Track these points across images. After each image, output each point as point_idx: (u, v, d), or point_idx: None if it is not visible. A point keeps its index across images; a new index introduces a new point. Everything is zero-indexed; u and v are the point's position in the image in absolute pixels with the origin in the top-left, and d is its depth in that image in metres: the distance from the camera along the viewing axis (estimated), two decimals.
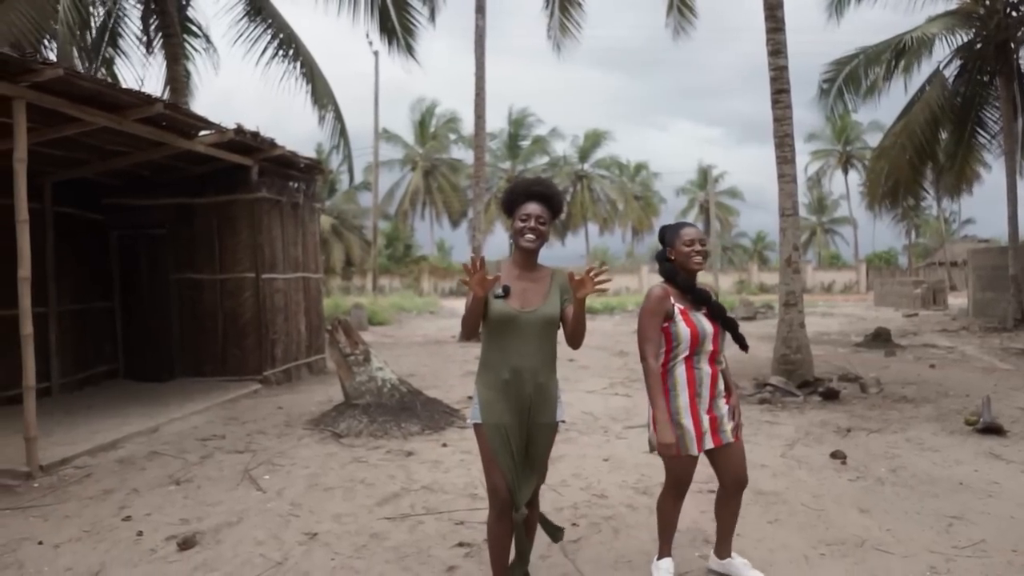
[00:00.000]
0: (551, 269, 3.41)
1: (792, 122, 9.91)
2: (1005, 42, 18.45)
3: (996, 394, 8.83)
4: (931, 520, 4.60)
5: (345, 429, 7.18)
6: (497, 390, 3.20)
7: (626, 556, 4.08)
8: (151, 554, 4.23)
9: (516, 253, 3.33)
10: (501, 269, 3.30)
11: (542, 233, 3.26)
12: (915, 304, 28.77)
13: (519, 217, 3.25)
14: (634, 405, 8.59)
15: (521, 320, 3.18)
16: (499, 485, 3.17)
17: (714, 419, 3.45)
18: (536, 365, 3.22)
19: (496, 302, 3.18)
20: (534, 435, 3.24)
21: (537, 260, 3.37)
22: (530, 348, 3.21)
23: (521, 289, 3.24)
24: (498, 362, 3.22)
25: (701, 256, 3.45)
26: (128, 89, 6.96)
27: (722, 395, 3.50)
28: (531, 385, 3.19)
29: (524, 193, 3.28)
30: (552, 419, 3.30)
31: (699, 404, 3.40)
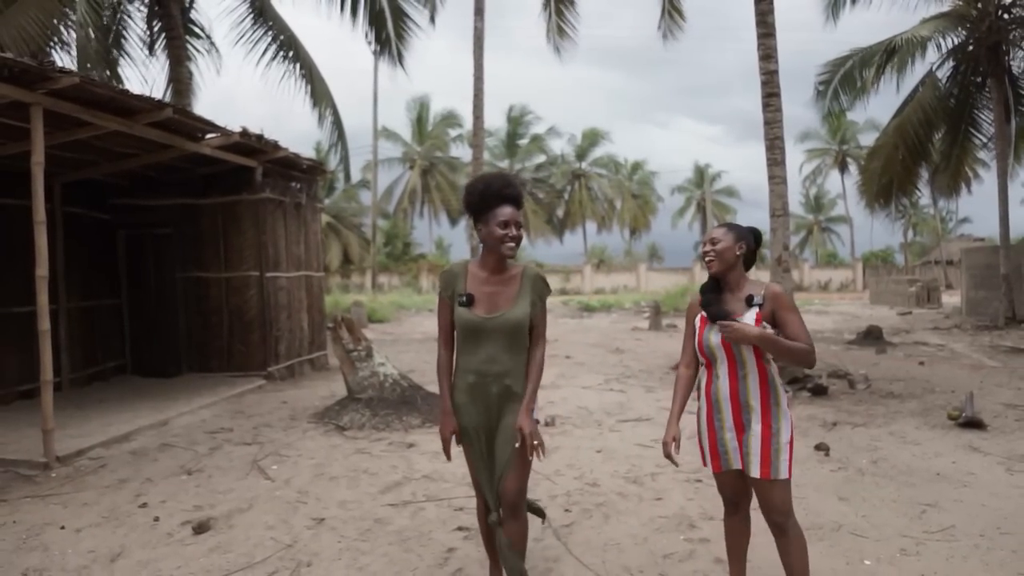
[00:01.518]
0: (521, 267, 3.27)
1: (782, 125, 10.17)
2: (997, 44, 18.69)
3: (981, 390, 9.11)
4: (906, 508, 4.86)
5: (348, 422, 7.44)
6: (465, 393, 3.20)
7: (615, 540, 4.34)
8: (168, 538, 4.49)
9: (487, 257, 3.19)
10: (468, 271, 3.23)
11: (520, 239, 3.16)
12: (909, 302, 29.02)
13: (497, 224, 3.09)
14: (628, 400, 8.86)
15: (486, 327, 3.12)
16: (480, 482, 3.26)
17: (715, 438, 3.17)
18: (502, 369, 3.15)
19: (460, 310, 3.14)
20: (498, 437, 3.18)
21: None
22: (495, 352, 3.14)
23: (487, 294, 3.15)
24: (464, 366, 3.20)
25: (711, 255, 3.20)
26: (139, 95, 7.19)
27: (753, 417, 3.08)
28: (497, 386, 3.15)
29: (499, 196, 3.12)
30: (515, 421, 3.15)
31: (716, 417, 3.14)
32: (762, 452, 3.04)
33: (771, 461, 3.03)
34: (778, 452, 3.04)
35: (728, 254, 3.15)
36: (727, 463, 3.15)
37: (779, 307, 3.07)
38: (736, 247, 3.16)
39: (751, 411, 3.08)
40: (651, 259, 64.86)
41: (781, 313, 3.07)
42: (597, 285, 49.53)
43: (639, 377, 10.88)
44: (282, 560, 4.10)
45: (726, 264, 3.16)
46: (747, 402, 3.09)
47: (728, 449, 3.13)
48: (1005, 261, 19.41)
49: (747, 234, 3.22)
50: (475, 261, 3.26)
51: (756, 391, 3.08)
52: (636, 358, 13.35)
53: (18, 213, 8.19)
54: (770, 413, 3.08)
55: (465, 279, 3.20)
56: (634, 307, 30.72)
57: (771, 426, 3.05)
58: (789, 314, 3.07)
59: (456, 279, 3.21)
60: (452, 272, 3.25)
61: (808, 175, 60.76)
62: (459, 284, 3.19)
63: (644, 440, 6.77)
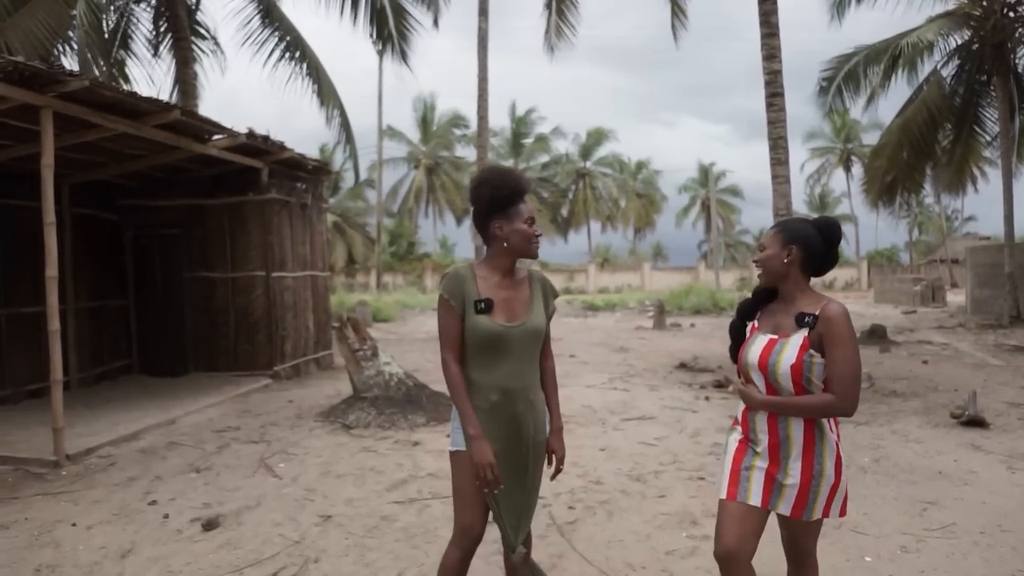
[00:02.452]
0: (527, 271, 2.99)
1: (786, 124, 10.21)
2: (1002, 43, 18.69)
3: (984, 389, 9.15)
4: (907, 505, 4.91)
5: (354, 421, 7.51)
6: (484, 413, 2.74)
7: (618, 536, 4.40)
8: (178, 534, 4.56)
9: (501, 259, 2.84)
10: (476, 274, 2.85)
11: (541, 236, 2.89)
12: (914, 301, 29.02)
13: (525, 221, 2.80)
14: (631, 399, 8.92)
15: (509, 336, 2.76)
16: (475, 524, 2.79)
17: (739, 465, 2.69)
18: (527, 384, 2.83)
19: (479, 318, 2.74)
20: (531, 460, 2.84)
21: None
22: (520, 365, 2.81)
23: (504, 299, 2.80)
24: (484, 383, 2.77)
25: (757, 267, 2.75)
26: (147, 97, 7.27)
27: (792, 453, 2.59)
28: (523, 403, 2.80)
29: (523, 192, 2.85)
30: (545, 435, 2.92)
31: (751, 446, 2.68)
32: (798, 495, 2.59)
33: (806, 505, 2.59)
34: (816, 496, 2.57)
35: (774, 263, 2.67)
36: (745, 494, 2.62)
37: (827, 334, 2.52)
38: (783, 254, 2.65)
39: (791, 445, 2.59)
40: (655, 258, 64.93)
41: (827, 345, 2.52)
42: (601, 284, 49.58)
43: (643, 376, 10.93)
44: (290, 556, 4.16)
45: (774, 275, 2.69)
46: (787, 435, 2.60)
47: (752, 478, 2.63)
48: (1010, 260, 19.42)
49: (802, 235, 2.67)
50: (480, 264, 2.89)
51: (800, 427, 2.59)
52: (640, 357, 13.40)
53: (27, 214, 8.29)
54: (813, 451, 2.57)
55: (476, 283, 2.80)
56: (638, 306, 30.75)
57: (813, 467, 2.57)
58: (834, 348, 2.51)
59: (465, 283, 2.79)
60: (459, 275, 2.81)
61: (812, 174, 60.76)
62: (470, 289, 2.78)
63: (647, 439, 6.83)
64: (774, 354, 2.59)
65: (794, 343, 2.56)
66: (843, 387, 2.49)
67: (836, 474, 2.59)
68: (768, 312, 2.77)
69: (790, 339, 2.58)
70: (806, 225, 2.71)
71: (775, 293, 2.77)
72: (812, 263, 2.68)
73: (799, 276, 2.67)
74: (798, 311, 2.61)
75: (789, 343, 2.57)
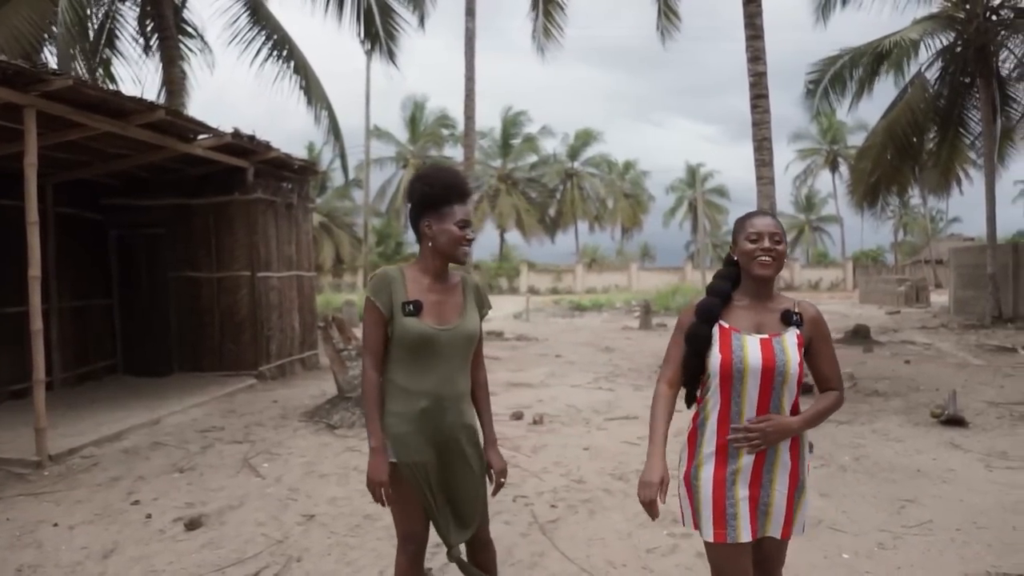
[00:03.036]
0: (460, 275, 2.89)
1: (771, 126, 10.28)
2: (984, 46, 18.88)
3: (965, 389, 9.25)
4: (885, 503, 4.97)
5: (339, 421, 7.51)
6: (412, 421, 2.66)
7: (599, 534, 4.44)
8: (160, 534, 4.57)
9: (432, 260, 2.74)
10: (406, 275, 2.74)
11: (472, 242, 2.78)
12: (898, 301, 29.23)
13: (456, 223, 2.69)
14: (616, 399, 8.97)
15: (439, 339, 2.67)
16: (416, 531, 2.74)
17: (724, 496, 2.40)
18: (459, 391, 2.76)
19: (407, 320, 2.64)
20: (461, 471, 2.76)
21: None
22: (451, 371, 2.72)
23: (435, 302, 2.71)
24: (413, 388, 2.67)
25: (771, 256, 2.44)
26: (132, 96, 7.25)
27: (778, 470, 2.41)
28: (453, 413, 2.72)
29: (460, 192, 2.73)
30: (478, 446, 2.83)
31: (729, 468, 2.40)
32: (787, 512, 2.43)
33: (794, 518, 2.45)
34: (798, 511, 2.45)
35: (784, 259, 2.48)
36: (735, 533, 2.36)
37: (817, 335, 2.46)
38: (786, 250, 2.54)
39: (777, 461, 2.40)
40: (643, 258, 65.03)
41: (819, 344, 2.46)
42: (589, 284, 49.67)
43: (628, 376, 10.98)
44: (273, 555, 4.18)
45: (780, 269, 2.51)
46: (775, 449, 2.40)
47: (739, 513, 2.37)
48: (992, 261, 19.63)
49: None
50: (412, 266, 2.79)
51: (786, 442, 2.42)
52: (625, 357, 13.46)
53: (10, 213, 8.24)
54: (799, 462, 2.44)
55: (405, 285, 2.70)
56: (625, 306, 30.83)
57: (799, 478, 2.44)
58: (826, 346, 2.48)
59: (394, 284, 2.68)
60: (387, 276, 2.71)
61: (799, 175, 61.09)
62: (399, 290, 2.68)
63: (631, 438, 6.87)
64: (779, 354, 2.36)
65: (791, 342, 2.39)
66: (839, 383, 2.50)
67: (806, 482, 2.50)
68: (736, 312, 2.49)
69: (784, 338, 2.40)
70: None
71: (730, 294, 2.53)
72: None
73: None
74: (780, 309, 2.46)
75: (787, 342, 2.39)
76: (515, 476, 5.63)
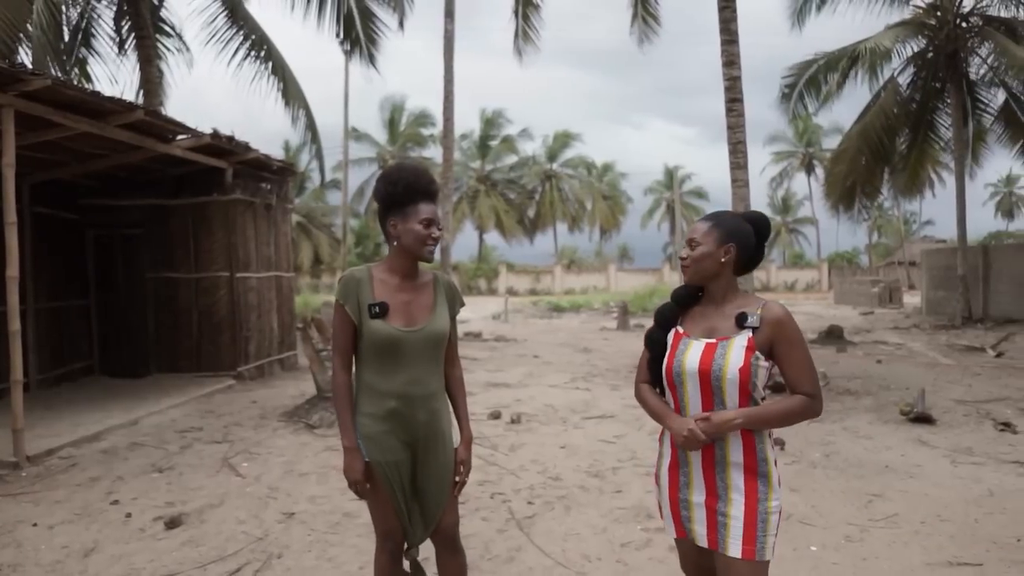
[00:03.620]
0: (432, 273, 2.89)
1: (745, 130, 10.43)
2: (955, 52, 19.24)
3: (934, 387, 9.45)
4: (853, 498, 5.11)
5: (318, 420, 7.55)
6: (383, 422, 2.68)
7: (575, 530, 4.53)
8: (140, 533, 4.60)
9: (399, 259, 2.75)
10: (373, 276, 2.74)
11: (439, 240, 2.78)
12: (872, 302, 29.64)
13: (420, 221, 2.67)
14: (593, 398, 9.07)
15: (406, 341, 2.67)
16: (394, 528, 2.76)
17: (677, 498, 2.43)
18: (428, 390, 2.74)
19: (373, 323, 2.65)
20: (431, 471, 2.77)
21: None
22: (420, 372, 2.71)
23: (403, 303, 2.71)
24: (383, 389, 2.68)
25: (686, 262, 2.46)
26: (110, 97, 7.25)
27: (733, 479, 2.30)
28: (424, 413, 2.72)
29: (424, 191, 2.71)
30: (450, 449, 2.83)
31: (682, 472, 2.40)
32: (745, 526, 2.25)
33: (756, 537, 2.24)
34: (766, 525, 2.26)
35: (707, 263, 2.40)
36: (692, 534, 2.39)
37: (780, 337, 2.30)
38: (720, 253, 2.39)
39: (729, 469, 2.30)
40: (621, 260, 65.37)
41: (782, 347, 2.31)
42: (567, 285, 49.87)
43: (605, 376, 11.09)
44: (253, 552, 4.23)
45: (704, 274, 2.42)
46: (724, 457, 2.31)
47: (693, 518, 2.37)
48: (962, 262, 20.00)
49: (739, 233, 2.42)
50: (380, 266, 2.80)
51: (738, 443, 2.30)
52: (603, 357, 13.58)
53: None
54: (756, 474, 2.29)
55: (372, 286, 2.71)
56: (603, 307, 31.01)
57: (758, 491, 2.27)
58: (792, 349, 2.31)
59: (360, 285, 2.69)
60: (354, 278, 2.71)
61: (774, 177, 61.68)
62: (365, 292, 2.69)
63: (607, 436, 6.98)
64: (718, 358, 2.30)
65: (739, 345, 2.29)
66: (811, 387, 2.30)
67: (777, 499, 2.31)
68: (693, 316, 2.48)
69: (733, 341, 2.31)
70: (740, 221, 2.47)
71: (696, 296, 2.51)
72: (743, 262, 2.45)
73: (730, 276, 2.44)
74: (736, 311, 2.36)
75: (733, 345, 2.30)
76: (493, 474, 5.73)
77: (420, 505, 2.79)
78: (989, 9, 19.31)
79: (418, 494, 2.78)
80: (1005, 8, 18.86)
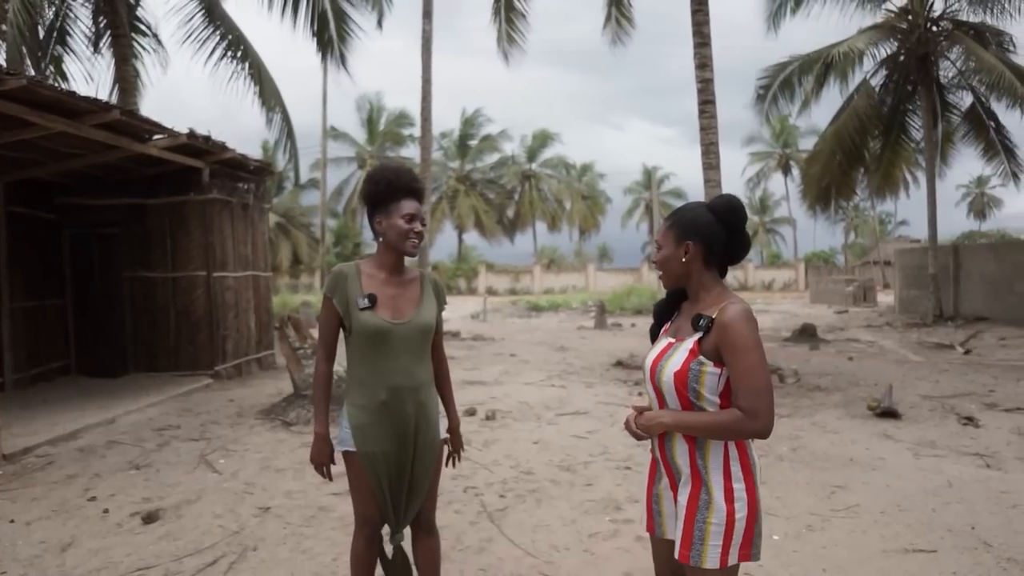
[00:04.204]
0: (420, 271, 3.03)
1: (718, 131, 10.62)
2: (926, 55, 19.59)
3: (902, 383, 9.67)
4: (817, 489, 5.26)
5: (294, 418, 7.63)
6: (373, 413, 2.79)
7: (545, 522, 4.64)
8: (118, 528, 4.66)
9: (386, 255, 2.87)
10: (361, 272, 2.87)
11: (423, 236, 2.91)
12: (847, 301, 30.03)
13: (402, 217, 2.79)
14: (567, 395, 9.21)
15: (395, 332, 2.77)
16: (372, 515, 2.90)
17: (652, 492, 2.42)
18: (416, 382, 2.85)
19: (362, 315, 2.76)
20: (417, 458, 2.88)
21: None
22: (408, 364, 2.82)
23: (390, 296, 2.83)
24: (373, 381, 2.80)
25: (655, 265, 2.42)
26: (87, 97, 7.28)
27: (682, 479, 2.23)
28: (412, 404, 2.82)
29: (406, 188, 2.83)
30: (436, 439, 2.94)
31: (657, 468, 2.38)
32: (683, 528, 2.19)
33: (691, 542, 2.15)
34: (703, 535, 2.14)
35: (671, 265, 2.31)
36: (659, 528, 2.38)
37: (724, 343, 2.12)
38: (680, 252, 2.27)
39: (679, 472, 2.25)
40: (601, 260, 65.64)
41: (727, 354, 2.11)
42: (547, 285, 50.06)
43: (580, 374, 11.23)
44: (229, 545, 4.31)
45: (674, 277, 2.34)
46: (673, 459, 2.26)
47: (663, 511, 2.36)
48: (933, 261, 20.35)
49: (698, 226, 2.27)
50: (368, 262, 2.92)
51: (683, 448, 2.21)
52: (579, 356, 13.73)
53: None
54: (700, 480, 2.18)
55: (360, 281, 2.83)
56: (581, 307, 31.19)
57: (699, 498, 2.17)
58: (736, 358, 2.10)
59: (349, 280, 2.82)
60: (343, 273, 2.85)
61: (752, 177, 62.22)
62: (354, 286, 2.80)
63: (580, 432, 7.11)
64: (664, 360, 2.24)
65: (684, 348, 2.19)
66: (749, 401, 2.07)
67: (728, 504, 2.14)
68: (680, 313, 2.40)
69: (683, 344, 2.22)
70: (703, 212, 2.29)
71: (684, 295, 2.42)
72: (715, 256, 2.28)
73: (703, 272, 2.27)
74: (696, 312, 2.24)
75: (680, 348, 2.21)
76: (466, 468, 5.82)
77: (407, 493, 2.90)
78: (959, 14, 19.69)
79: (406, 483, 2.88)
80: (974, 13, 19.23)
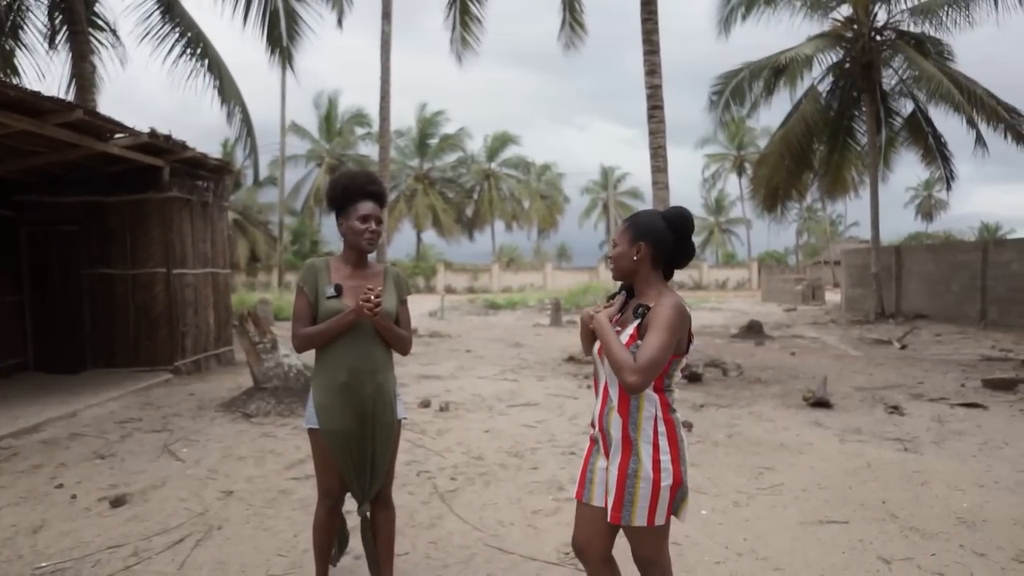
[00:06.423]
0: (383, 266, 3.36)
1: (665, 135, 11.05)
2: (870, 63, 20.37)
3: (839, 376, 10.22)
4: (746, 471, 5.69)
5: (255, 410, 7.86)
6: (335, 394, 3.11)
7: (493, 501, 5.00)
8: (87, 512, 4.88)
9: (349, 252, 3.22)
10: (330, 265, 3.23)
11: (380, 234, 3.18)
12: (796, 299, 30.89)
13: (357, 218, 3.12)
14: (519, 388, 9.57)
15: (357, 319, 3.07)
16: (333, 488, 3.21)
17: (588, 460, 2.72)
18: (374, 365, 3.15)
19: (329, 302, 3.10)
20: (377, 436, 3.18)
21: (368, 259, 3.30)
22: (367, 347, 3.13)
23: (353, 287, 3.13)
24: (335, 364, 3.12)
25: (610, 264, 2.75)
26: (50, 96, 7.42)
27: (613, 449, 2.55)
28: (370, 386, 3.13)
29: (361, 191, 3.15)
30: (393, 418, 3.25)
31: (597, 437, 2.66)
32: (616, 492, 2.50)
33: (622, 504, 2.49)
34: (633, 497, 2.47)
35: (622, 261, 2.64)
36: (588, 495, 2.66)
37: (649, 322, 2.47)
38: (632, 251, 2.59)
39: (611, 442, 2.56)
40: (560, 259, 66.23)
41: (648, 329, 2.45)
42: (505, 284, 50.45)
43: (533, 368, 11.60)
44: (195, 525, 4.57)
45: (623, 272, 2.66)
46: (608, 429, 2.57)
47: (595, 480, 2.65)
48: (876, 261, 21.16)
49: (650, 231, 2.59)
50: (337, 258, 3.27)
51: (618, 422, 2.53)
52: (533, 351, 14.10)
53: None
54: (630, 450, 2.50)
55: (329, 272, 3.19)
56: (538, 305, 31.61)
57: (629, 466, 2.48)
58: (651, 331, 2.43)
59: (319, 272, 3.18)
60: (314, 265, 3.21)
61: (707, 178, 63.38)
62: (323, 278, 3.17)
63: (529, 421, 7.48)
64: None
65: (625, 334, 2.51)
66: (640, 363, 2.36)
67: (655, 472, 2.46)
68: (627, 307, 2.68)
69: (624, 331, 2.53)
70: (655, 219, 2.62)
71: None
72: (663, 258, 2.61)
73: (649, 272, 2.60)
74: (638, 303, 2.58)
75: (622, 335, 2.52)
76: (420, 455, 6.16)
77: (372, 468, 3.20)
78: (901, 24, 20.48)
79: (368, 459, 3.18)
80: (915, 24, 20.03)
